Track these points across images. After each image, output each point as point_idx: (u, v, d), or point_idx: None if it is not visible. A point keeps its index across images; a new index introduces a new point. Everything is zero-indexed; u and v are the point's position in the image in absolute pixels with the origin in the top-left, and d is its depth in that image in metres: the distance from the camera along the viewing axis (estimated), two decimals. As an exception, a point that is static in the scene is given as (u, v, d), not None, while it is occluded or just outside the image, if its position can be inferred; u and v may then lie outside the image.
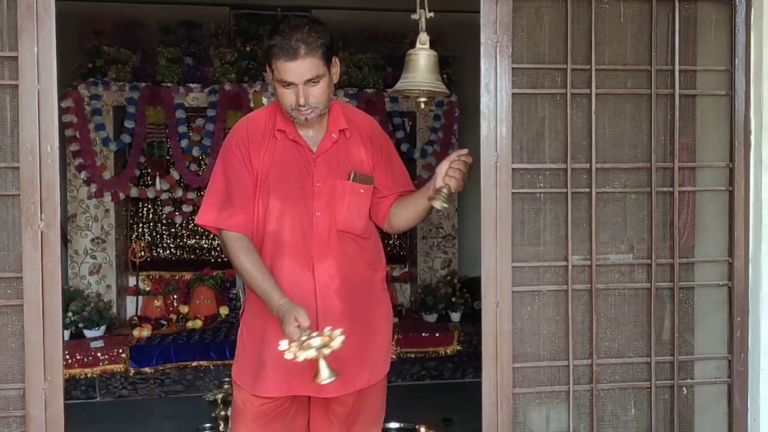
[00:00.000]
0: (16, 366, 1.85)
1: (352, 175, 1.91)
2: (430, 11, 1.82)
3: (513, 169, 2.00)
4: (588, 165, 2.06)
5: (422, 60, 1.81)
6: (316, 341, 1.62)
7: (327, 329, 1.66)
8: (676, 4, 2.07)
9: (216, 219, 1.87)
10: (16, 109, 1.80)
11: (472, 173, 1.88)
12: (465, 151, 1.87)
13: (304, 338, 1.63)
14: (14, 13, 1.80)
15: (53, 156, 1.80)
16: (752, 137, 2.08)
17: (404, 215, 2.01)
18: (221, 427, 3.13)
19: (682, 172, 2.12)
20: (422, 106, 1.94)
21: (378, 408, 2.08)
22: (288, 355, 1.62)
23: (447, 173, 1.84)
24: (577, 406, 2.10)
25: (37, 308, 1.81)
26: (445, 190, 1.82)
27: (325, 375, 1.63)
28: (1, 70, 1.82)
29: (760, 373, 2.08)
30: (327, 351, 1.63)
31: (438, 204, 1.83)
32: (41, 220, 1.80)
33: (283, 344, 1.64)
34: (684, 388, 2.18)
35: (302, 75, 1.77)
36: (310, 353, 1.61)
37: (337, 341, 1.64)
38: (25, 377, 1.83)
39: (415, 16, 1.81)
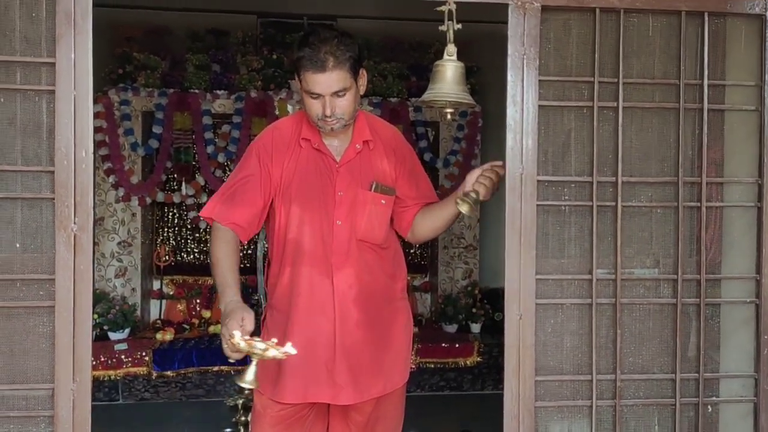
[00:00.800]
0: (45, 367, 1.88)
1: (374, 186, 1.93)
2: (457, 23, 1.83)
3: (538, 181, 2.00)
4: (614, 178, 2.05)
5: (449, 71, 1.82)
6: (261, 345, 1.58)
7: (272, 341, 1.60)
8: (706, 17, 2.05)
9: (214, 213, 1.91)
10: (52, 114, 1.84)
11: (499, 186, 1.90)
12: (500, 162, 1.90)
13: (248, 339, 1.59)
14: (52, 19, 1.84)
15: (87, 161, 1.83)
16: (782, 153, 2.06)
17: (428, 224, 2.02)
18: (241, 432, 3.15)
19: (709, 187, 2.10)
20: (448, 117, 1.95)
21: (397, 417, 2.09)
22: (232, 342, 1.59)
23: (478, 179, 1.86)
24: (599, 422, 2.08)
25: (68, 310, 1.84)
26: (473, 194, 1.85)
27: (249, 378, 1.60)
28: (38, 75, 1.87)
29: (788, 393, 2.05)
30: (265, 354, 1.57)
31: (464, 208, 1.85)
32: (74, 223, 1.84)
33: (237, 334, 1.59)
34: (709, 406, 2.15)
35: (330, 87, 1.80)
36: (254, 351, 1.57)
37: (273, 352, 1.57)
38: (55, 378, 1.86)
39: (442, 28, 1.83)
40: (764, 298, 2.09)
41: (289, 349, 1.58)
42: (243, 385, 1.61)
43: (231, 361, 1.67)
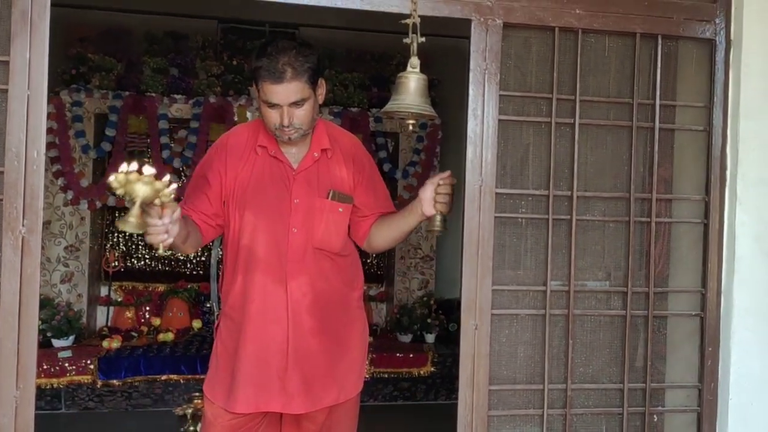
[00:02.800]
0: (-13, 373, 1.81)
1: (330, 194, 1.93)
2: (421, 36, 1.85)
3: (497, 193, 2.03)
4: (569, 192, 2.10)
5: (412, 83, 1.84)
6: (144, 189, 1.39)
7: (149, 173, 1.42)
8: (659, 40, 2.14)
9: None
10: (4, 113, 1.78)
11: (455, 193, 1.92)
12: (447, 173, 1.91)
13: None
14: (7, 18, 1.78)
15: (39, 161, 1.78)
16: (728, 172, 2.14)
17: (385, 235, 2.03)
18: (190, 443, 3.08)
19: (659, 203, 2.18)
20: (410, 128, 1.97)
21: (349, 427, 2.08)
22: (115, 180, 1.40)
23: (436, 200, 1.87)
24: (550, 430, 2.11)
25: (13, 315, 1.77)
26: (438, 217, 1.88)
27: (130, 219, 1.41)
28: (-10, 73, 1.81)
29: (729, 403, 2.12)
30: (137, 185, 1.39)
31: (438, 233, 1.91)
32: (23, 225, 1.78)
33: (123, 166, 1.41)
34: (655, 416, 2.21)
35: (288, 98, 1.79)
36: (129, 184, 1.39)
37: (159, 185, 1.40)
38: (-3, 385, 1.79)
39: (406, 40, 1.84)
40: (709, 311, 2.17)
41: (148, 169, 1.40)
42: (126, 228, 1.42)
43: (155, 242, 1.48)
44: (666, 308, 2.22)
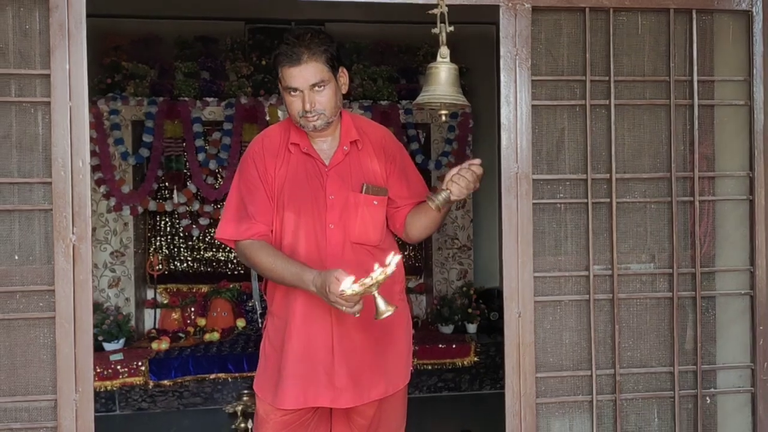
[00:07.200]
0: (47, 378, 1.87)
1: (364, 188, 1.93)
2: (449, 25, 1.85)
3: (533, 179, 2.02)
4: (608, 175, 2.07)
5: (443, 73, 1.83)
6: (368, 280, 1.62)
7: (376, 269, 1.65)
8: (694, 15, 2.09)
9: (234, 233, 1.90)
10: (48, 126, 1.84)
11: (480, 185, 1.88)
12: (477, 161, 1.88)
13: (356, 284, 1.64)
14: (46, 32, 1.84)
15: (84, 170, 1.83)
16: (772, 146, 2.09)
17: (418, 223, 2.02)
18: (241, 439, 3.14)
19: (701, 181, 2.13)
20: (443, 119, 1.97)
21: (399, 418, 2.09)
22: (348, 291, 1.63)
23: (452, 179, 1.86)
24: (600, 416, 2.10)
25: (69, 320, 1.84)
26: (444, 193, 1.85)
27: (382, 308, 1.65)
28: (32, 87, 1.87)
29: (784, 382, 2.08)
30: (378, 282, 1.62)
31: (431, 204, 1.87)
32: (73, 233, 1.84)
33: (346, 286, 1.63)
34: (707, 398, 2.17)
35: (307, 80, 1.81)
36: (369, 286, 1.62)
37: (382, 276, 1.62)
38: (57, 389, 1.85)
39: (435, 30, 1.84)
40: (758, 289, 2.12)
41: (392, 258, 1.64)
42: (384, 316, 1.65)
43: (354, 312, 1.68)
44: (714, 288, 2.18)
